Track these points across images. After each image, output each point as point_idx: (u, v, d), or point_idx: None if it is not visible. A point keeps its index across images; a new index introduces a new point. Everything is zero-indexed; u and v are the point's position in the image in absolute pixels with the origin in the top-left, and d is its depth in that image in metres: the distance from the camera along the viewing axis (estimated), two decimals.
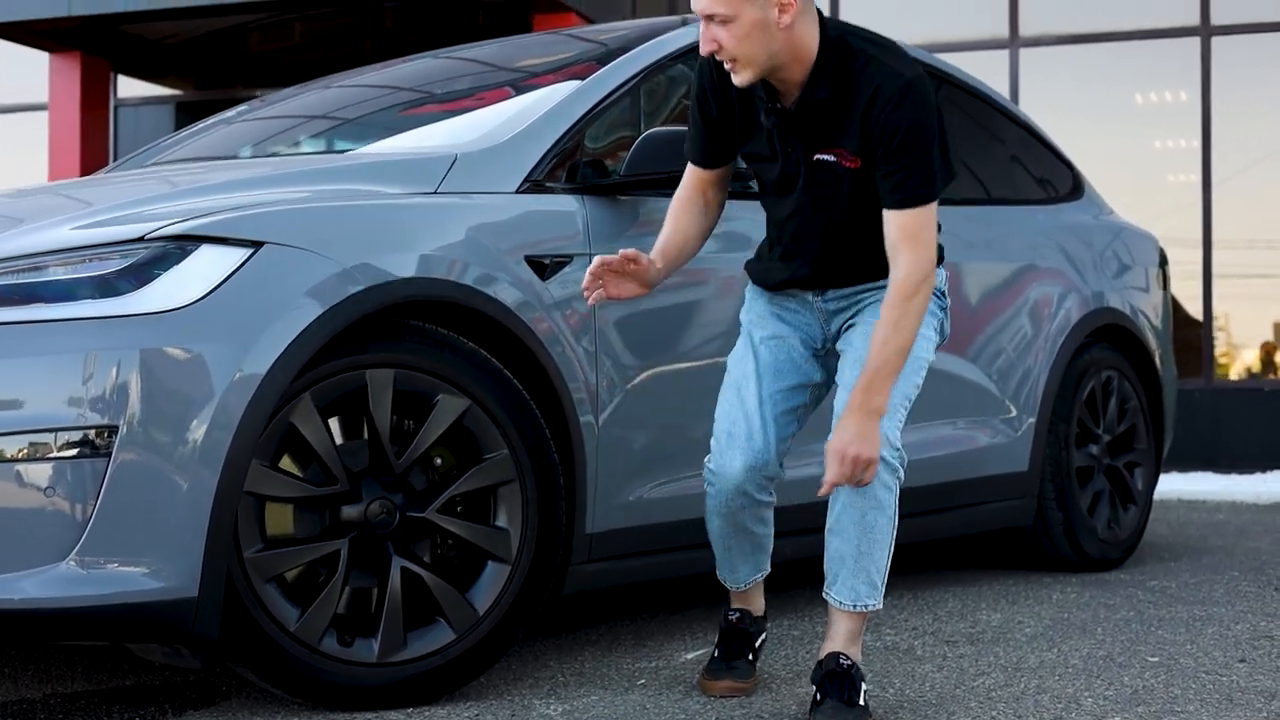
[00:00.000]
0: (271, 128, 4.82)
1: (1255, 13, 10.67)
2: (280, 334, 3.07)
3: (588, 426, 3.63)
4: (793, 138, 3.17)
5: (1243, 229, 11.04)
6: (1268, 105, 10.89)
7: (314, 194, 3.37)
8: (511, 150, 3.74)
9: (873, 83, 3.05)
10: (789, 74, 3.10)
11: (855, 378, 3.12)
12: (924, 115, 3.05)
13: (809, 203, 3.22)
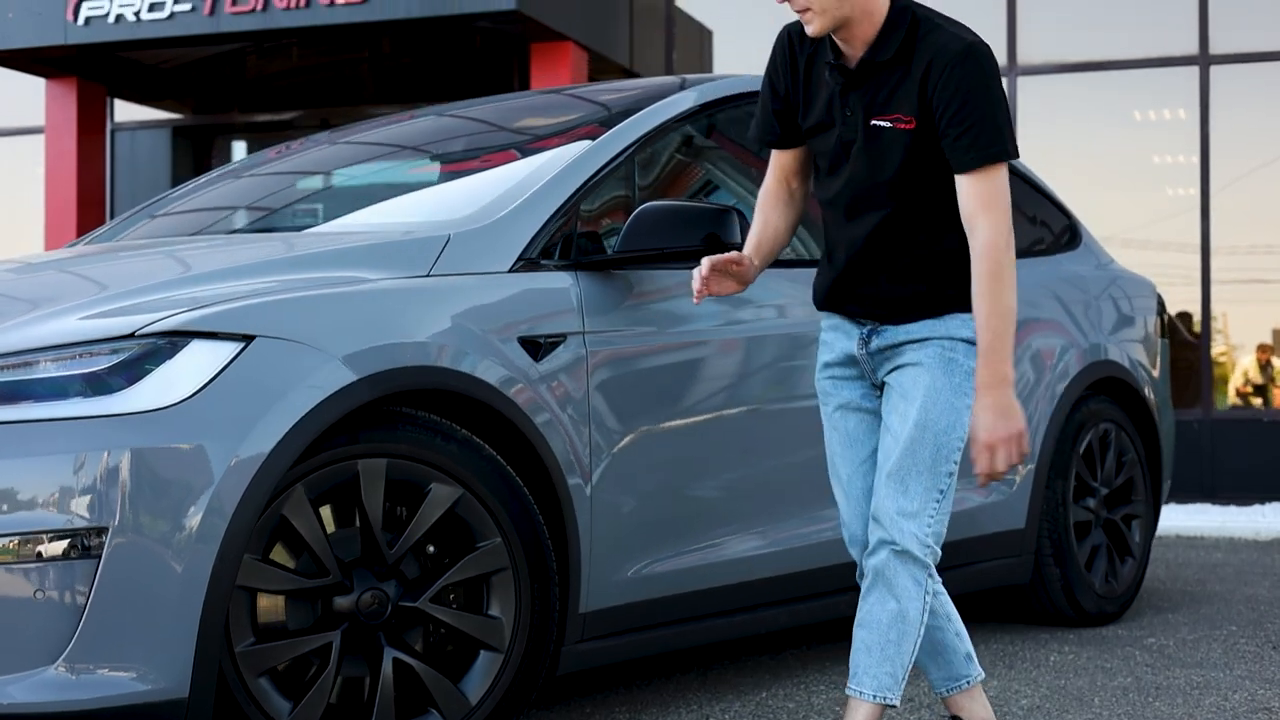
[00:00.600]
0: (271, 190, 4.81)
1: (1252, 43, 10.71)
2: (272, 429, 3.05)
3: (581, 508, 3.61)
4: (852, 97, 3.16)
5: (1241, 234, 11.06)
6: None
7: (307, 281, 3.34)
8: (505, 228, 3.72)
9: (934, 46, 3.07)
10: (858, 30, 3.12)
11: (890, 448, 3.15)
12: (987, 77, 3.06)
13: (862, 170, 3.17)
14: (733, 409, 4.09)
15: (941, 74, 3.04)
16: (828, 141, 3.23)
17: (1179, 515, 9.15)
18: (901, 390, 3.20)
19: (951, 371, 3.17)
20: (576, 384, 3.65)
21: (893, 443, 3.18)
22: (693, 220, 3.75)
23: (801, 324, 4.25)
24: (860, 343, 3.26)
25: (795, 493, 4.26)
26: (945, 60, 3.05)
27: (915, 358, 3.20)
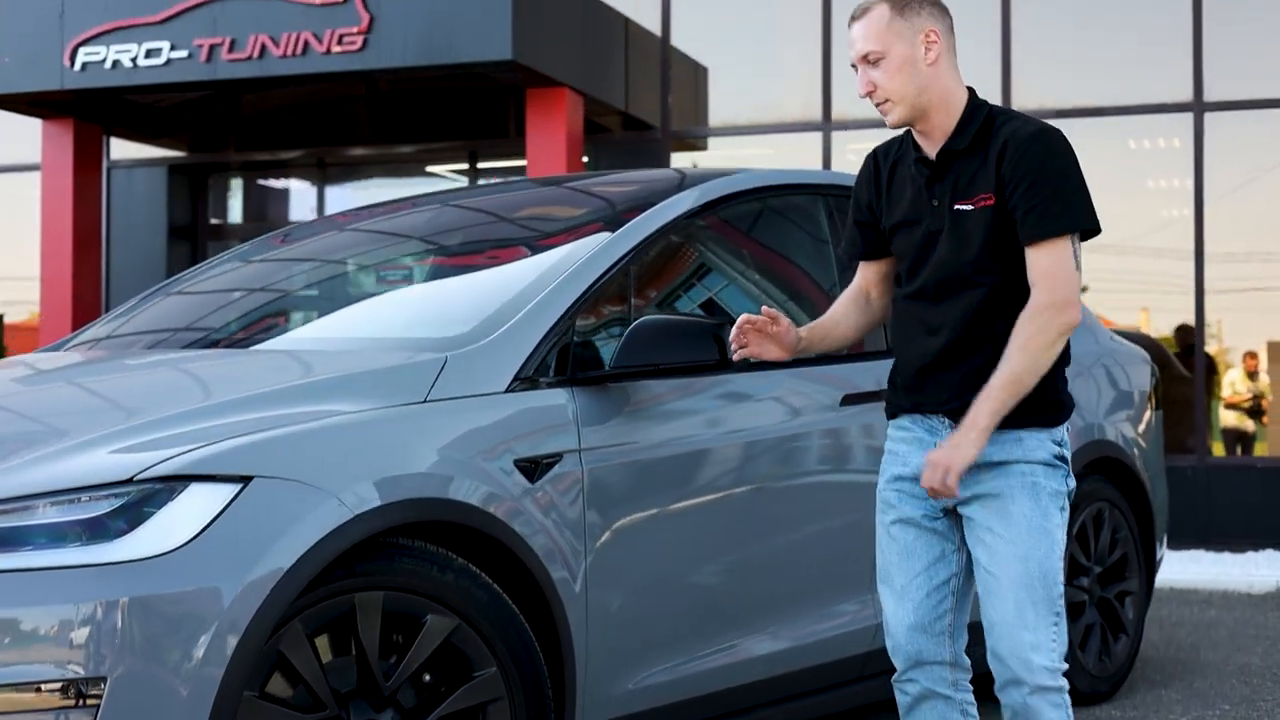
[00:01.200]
0: (271, 285, 4.84)
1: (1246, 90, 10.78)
2: (271, 571, 3.06)
3: (578, 630, 3.63)
4: (937, 188, 3.32)
5: (1236, 243, 11.16)
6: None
7: (305, 415, 3.35)
8: (502, 346, 3.73)
9: (1008, 131, 3.27)
10: (936, 120, 3.32)
11: (993, 587, 3.23)
12: (1057, 155, 3.23)
13: (950, 253, 3.30)
14: (730, 520, 4.11)
15: (1015, 153, 3.22)
16: (914, 236, 3.37)
17: (1173, 564, 9.17)
18: (990, 527, 3.27)
19: (1037, 496, 3.26)
20: (572, 504, 3.67)
21: (995, 583, 3.25)
22: (690, 334, 3.80)
23: (799, 425, 4.29)
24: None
25: (795, 595, 4.30)
26: (1019, 141, 3.23)
27: (996, 487, 3.27)
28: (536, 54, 10.08)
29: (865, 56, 3.31)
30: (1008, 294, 3.27)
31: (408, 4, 9.95)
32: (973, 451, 3.18)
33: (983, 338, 3.29)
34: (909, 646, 3.38)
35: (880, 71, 3.29)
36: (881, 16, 3.30)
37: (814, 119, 11.40)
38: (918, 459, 3.35)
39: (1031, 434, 3.27)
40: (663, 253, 4.36)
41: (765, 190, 4.75)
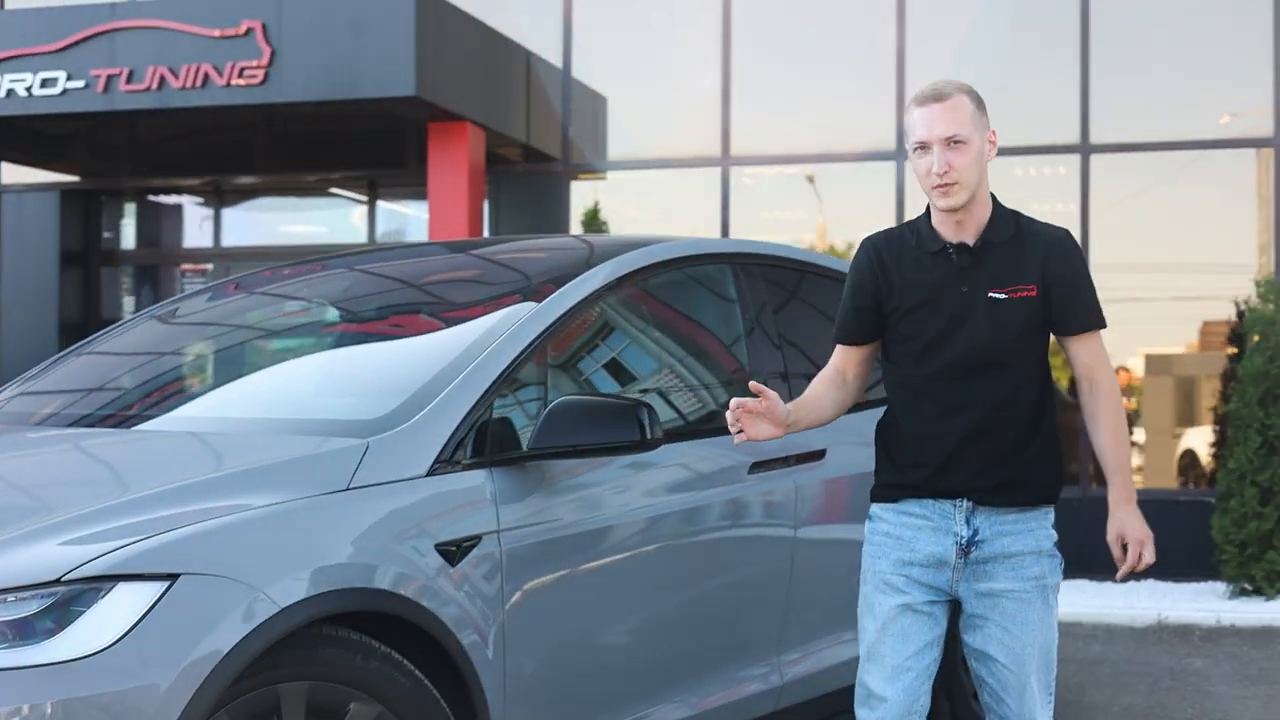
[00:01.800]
0: (185, 347, 4.86)
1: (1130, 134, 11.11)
2: (198, 668, 3.09)
3: (498, 710, 3.70)
4: (973, 274, 3.57)
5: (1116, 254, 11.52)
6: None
7: (229, 508, 3.36)
8: (422, 429, 3.78)
9: (1046, 232, 3.63)
10: (976, 211, 3.60)
11: (1007, 679, 3.60)
12: (1084, 260, 3.69)
13: (984, 337, 3.56)
14: (646, 591, 4.21)
15: (1059, 257, 3.59)
16: (935, 317, 3.58)
17: (1061, 594, 9.41)
18: (1005, 627, 3.59)
19: (1046, 595, 3.62)
20: (492, 585, 3.73)
21: (1013, 678, 3.61)
22: (606, 415, 3.88)
23: (711, 494, 4.42)
24: (959, 551, 3.57)
25: (705, 662, 4.41)
26: (1059, 245, 3.61)
27: (1010, 585, 3.57)
28: (439, 89, 10.11)
29: (949, 140, 3.51)
30: (1033, 376, 3.60)
31: (310, 38, 9.94)
32: (1137, 518, 3.54)
33: (1012, 417, 3.57)
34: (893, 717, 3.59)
35: (960, 155, 3.51)
36: (965, 106, 3.54)
37: (713, 154, 11.55)
38: (928, 545, 3.59)
39: (1046, 515, 3.64)
40: (579, 326, 4.44)
41: (676, 261, 4.85)
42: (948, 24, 11.89)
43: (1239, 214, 11.62)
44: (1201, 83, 11.76)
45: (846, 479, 5.02)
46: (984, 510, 3.57)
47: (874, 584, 3.64)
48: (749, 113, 11.65)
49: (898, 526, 3.62)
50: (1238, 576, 9.37)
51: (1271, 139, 10.91)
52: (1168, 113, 11.64)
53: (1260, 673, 7.41)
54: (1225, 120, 11.66)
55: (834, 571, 4.94)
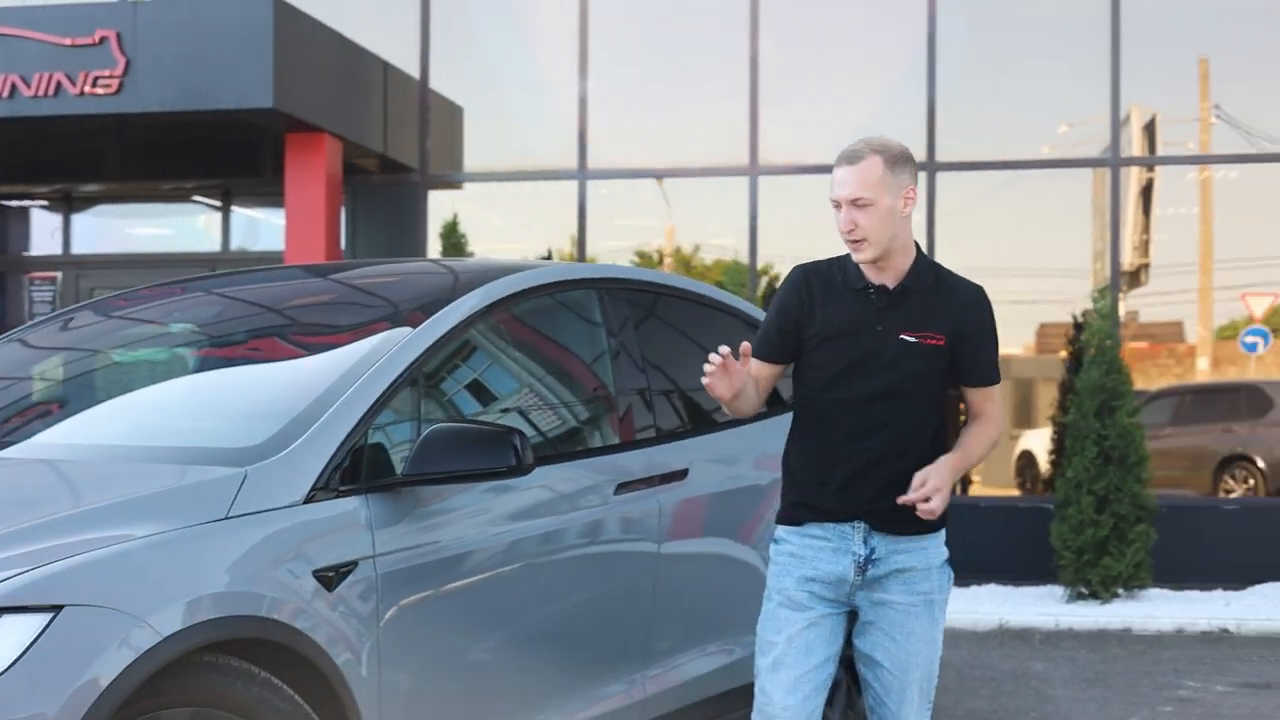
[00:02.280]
0: (55, 370, 4.85)
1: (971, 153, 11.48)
2: (84, 695, 3.13)
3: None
4: (888, 315, 3.86)
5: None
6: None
7: (112, 538, 3.40)
8: (300, 457, 3.85)
9: (963, 287, 3.96)
10: (896, 260, 3.87)
11: (891, 684, 3.90)
12: (993, 317, 4.00)
13: (890, 373, 3.86)
14: (517, 610, 4.32)
15: (972, 311, 3.93)
16: (849, 349, 3.88)
17: None
18: (892, 636, 3.89)
19: (933, 609, 3.92)
20: (368, 608, 3.82)
21: (896, 683, 3.91)
22: (479, 442, 4.00)
23: (579, 515, 4.56)
24: (856, 569, 3.87)
25: (574, 678, 4.56)
26: (973, 300, 3.94)
27: (900, 598, 3.87)
28: (297, 101, 10.11)
29: (854, 201, 3.77)
30: (932, 411, 3.92)
31: (166, 49, 9.87)
32: (950, 474, 3.80)
33: (910, 447, 3.87)
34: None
35: (865, 215, 3.77)
36: (874, 168, 3.77)
37: (570, 167, 11.68)
38: (828, 564, 3.88)
39: (933, 539, 3.92)
40: (452, 352, 4.54)
41: (544, 287, 4.98)
42: (801, 41, 12.18)
43: (1077, 221, 12.10)
44: (1041, 104, 12.22)
45: (708, 497, 5.19)
46: (879, 533, 3.86)
47: (779, 600, 3.93)
48: (605, 125, 11.81)
49: (800, 547, 3.91)
50: (1075, 581, 9.75)
51: (1108, 159, 11.34)
52: (1009, 131, 12.08)
53: (1097, 675, 7.75)
54: (1064, 129, 12.12)
55: (696, 588, 5.12)
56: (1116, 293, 10.99)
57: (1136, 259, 12.66)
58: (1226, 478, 13.40)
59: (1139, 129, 12.26)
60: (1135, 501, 9.62)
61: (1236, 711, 6.84)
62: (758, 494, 5.40)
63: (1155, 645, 8.72)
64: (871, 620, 3.89)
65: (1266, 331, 12.87)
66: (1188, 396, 14.40)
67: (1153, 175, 12.52)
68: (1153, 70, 11.93)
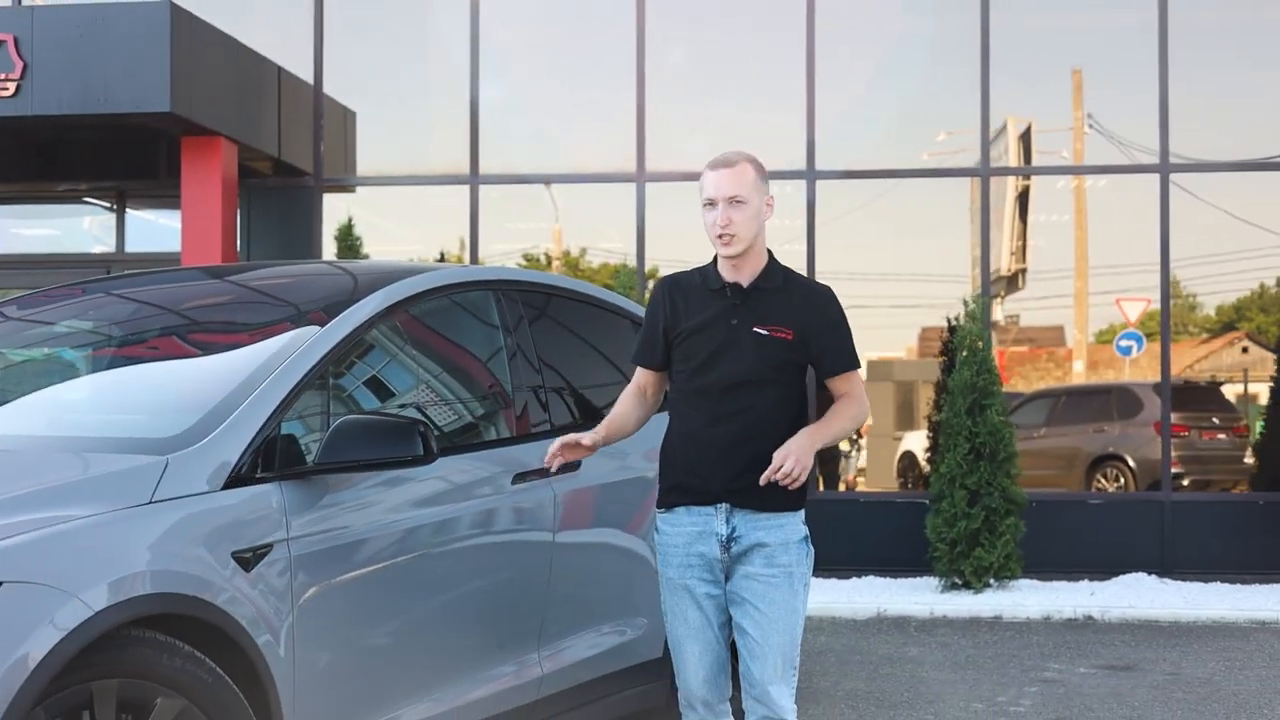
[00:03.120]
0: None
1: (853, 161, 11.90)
2: (19, 668, 3.36)
3: (287, 702, 4.05)
4: (741, 311, 4.28)
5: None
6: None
7: (45, 520, 3.64)
8: (217, 447, 4.10)
9: (809, 287, 4.40)
10: (750, 261, 4.32)
11: (757, 650, 4.23)
12: (841, 311, 4.40)
13: (741, 364, 4.26)
14: (419, 591, 4.60)
15: (819, 308, 4.33)
16: (708, 342, 4.30)
17: None
18: (755, 604, 4.25)
19: (793, 581, 4.27)
20: (282, 588, 4.08)
21: (760, 649, 4.24)
22: (387, 433, 4.28)
23: (477, 503, 4.86)
24: (721, 548, 4.27)
25: (475, 656, 4.84)
26: (819, 299, 4.36)
27: (763, 571, 4.25)
28: (193, 105, 10.27)
29: (732, 199, 4.24)
30: (789, 399, 4.30)
31: (64, 53, 9.98)
32: (808, 444, 4.16)
33: (767, 431, 4.24)
34: (702, 694, 4.34)
35: (739, 213, 4.24)
36: (747, 172, 4.29)
37: (462, 172, 11.94)
38: (698, 546, 4.29)
39: (795, 514, 4.30)
40: (359, 349, 4.81)
41: (443, 288, 5.26)
42: (688, 53, 12.55)
43: (956, 228, 12.56)
44: (921, 114, 12.69)
45: (599, 487, 5.50)
46: (740, 511, 4.25)
47: (667, 589, 4.37)
48: (496, 131, 12.09)
49: (673, 535, 4.34)
50: (949, 572, 10.20)
51: (978, 169, 11.82)
52: (890, 140, 12.53)
53: (968, 659, 8.16)
54: (942, 137, 12.57)
55: (589, 572, 5.43)
56: (988, 296, 11.44)
57: (1014, 264, 13.14)
58: (1099, 476, 13.96)
59: (1014, 138, 12.72)
60: (1005, 495, 10.09)
61: (1097, 691, 7.27)
62: (646, 485, 5.72)
63: (1024, 631, 9.16)
64: (738, 592, 4.27)
65: (1140, 336, 13.34)
66: (1062, 398, 14.96)
67: (1029, 183, 13.01)
68: (1029, 82, 12.46)
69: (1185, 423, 13.26)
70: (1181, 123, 11.41)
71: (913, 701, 6.97)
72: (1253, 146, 12.21)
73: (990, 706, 6.85)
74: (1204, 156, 11.82)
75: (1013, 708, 6.83)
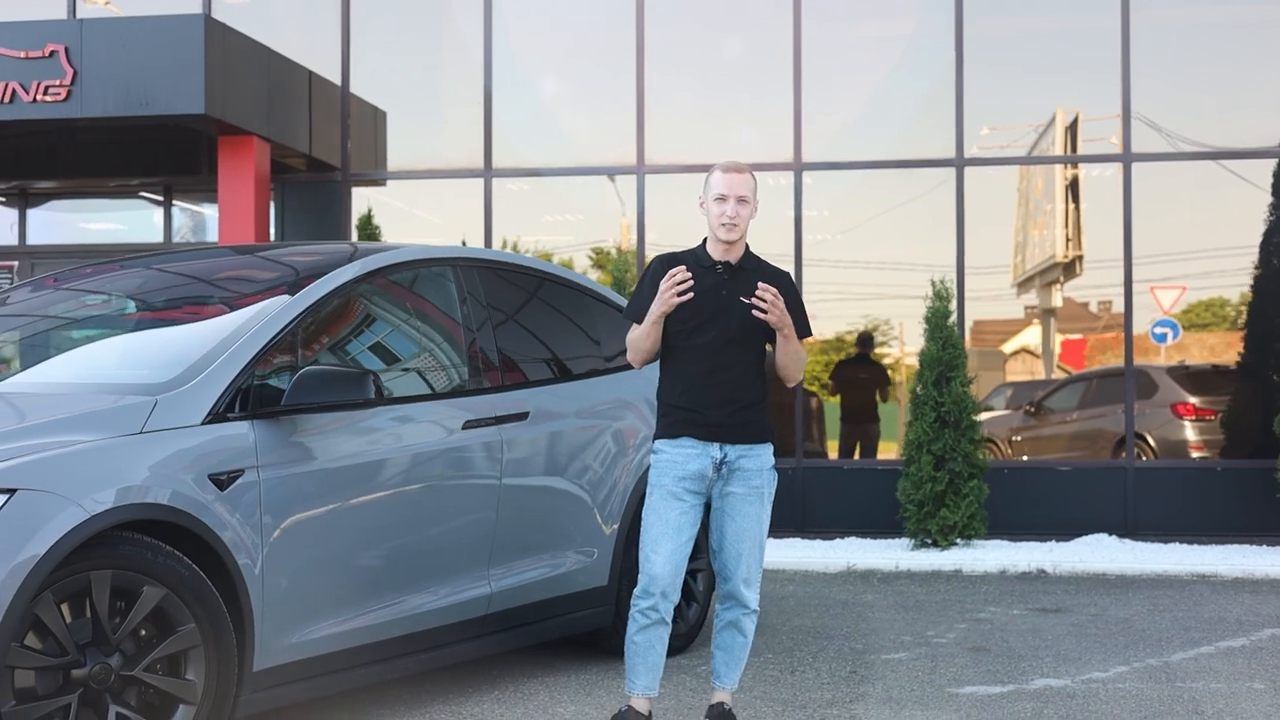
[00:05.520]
0: (22, 337, 6.02)
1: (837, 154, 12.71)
2: (30, 556, 4.31)
3: (256, 596, 4.97)
4: (730, 284, 5.35)
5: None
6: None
7: (54, 444, 4.58)
8: (199, 390, 5.04)
9: (775, 270, 5.49)
10: (739, 247, 5.42)
11: (734, 554, 5.37)
12: (798, 293, 5.53)
13: (734, 327, 5.31)
14: (374, 516, 5.51)
15: (784, 285, 5.41)
16: (705, 306, 5.30)
17: (773, 550, 10.94)
18: (734, 515, 5.38)
19: (764, 499, 5.42)
20: (252, 505, 5.01)
21: (738, 549, 5.38)
22: (342, 381, 5.22)
23: (431, 443, 5.78)
24: (714, 468, 5.33)
25: (428, 572, 5.75)
26: (784, 278, 5.47)
27: (744, 489, 5.37)
28: (225, 106, 11.27)
29: (741, 198, 5.33)
30: (759, 357, 5.39)
31: (108, 61, 11.02)
32: (787, 316, 5.27)
33: (749, 382, 5.36)
34: (665, 585, 5.29)
35: (744, 209, 5.33)
36: (751, 179, 5.40)
37: (477, 166, 12.91)
38: (695, 464, 5.33)
39: (765, 447, 5.41)
40: (332, 311, 5.73)
41: (410, 263, 6.20)
42: (683, 56, 13.40)
43: (1000, 219, 13.20)
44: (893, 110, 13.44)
45: (545, 435, 6.40)
46: (729, 443, 5.32)
47: (659, 495, 5.34)
48: (509, 128, 13.04)
49: (673, 454, 5.35)
50: (917, 531, 11.01)
51: (953, 159, 12.59)
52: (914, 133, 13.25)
53: (915, 604, 8.95)
54: (986, 132, 13.19)
55: (532, 509, 6.33)
56: (963, 278, 12.21)
57: (1071, 250, 13.75)
58: (1122, 454, 14.57)
59: (1061, 129, 13.31)
60: (968, 460, 10.89)
61: (1019, 627, 8.04)
62: (586, 435, 6.64)
63: (978, 583, 9.93)
64: (720, 507, 5.39)
65: (1175, 323, 13.73)
66: (1093, 381, 15.56)
67: (1077, 171, 13.49)
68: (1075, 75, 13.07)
69: (1208, 406, 13.62)
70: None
71: (849, 635, 7.76)
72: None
73: (917, 639, 7.65)
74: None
75: (937, 640, 7.62)
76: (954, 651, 7.28)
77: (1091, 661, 7.04)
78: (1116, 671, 6.80)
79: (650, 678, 5.37)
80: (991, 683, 6.53)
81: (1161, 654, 7.25)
